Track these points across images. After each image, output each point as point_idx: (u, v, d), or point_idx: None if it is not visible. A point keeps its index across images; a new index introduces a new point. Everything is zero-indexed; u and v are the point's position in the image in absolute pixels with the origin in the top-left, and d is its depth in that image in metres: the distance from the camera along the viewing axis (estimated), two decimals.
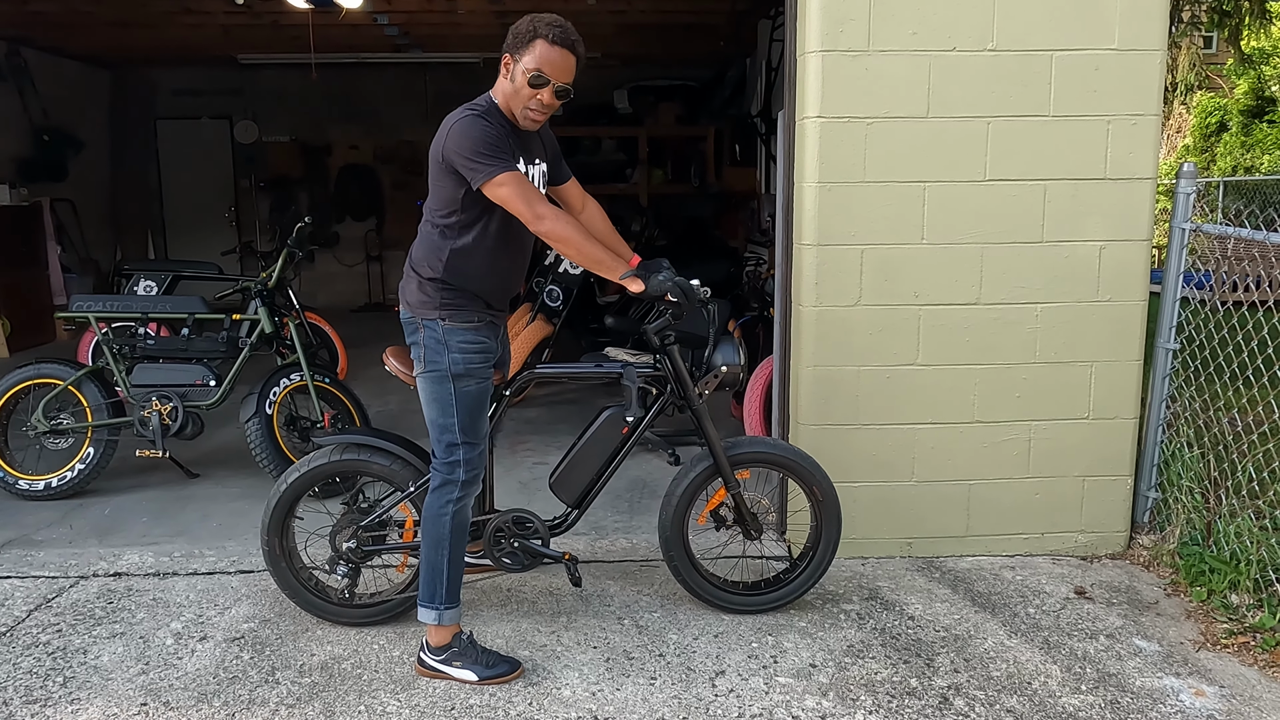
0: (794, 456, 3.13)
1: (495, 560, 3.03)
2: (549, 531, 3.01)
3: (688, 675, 2.79)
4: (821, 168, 3.41)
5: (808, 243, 3.46)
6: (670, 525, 3.06)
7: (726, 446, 3.04)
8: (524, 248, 2.86)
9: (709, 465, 3.05)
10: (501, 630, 3.05)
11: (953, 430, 3.56)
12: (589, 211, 3.08)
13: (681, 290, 2.71)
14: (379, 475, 3.01)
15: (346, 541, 2.99)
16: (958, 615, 3.17)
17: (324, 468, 2.99)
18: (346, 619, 3.05)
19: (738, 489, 3.07)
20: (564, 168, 3.01)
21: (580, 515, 3.07)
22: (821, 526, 3.13)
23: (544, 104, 2.67)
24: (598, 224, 3.04)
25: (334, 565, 3.01)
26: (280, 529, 3.01)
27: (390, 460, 2.99)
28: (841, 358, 3.50)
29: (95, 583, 3.42)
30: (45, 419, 4.30)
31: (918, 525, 3.61)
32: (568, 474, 3.04)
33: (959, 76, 3.38)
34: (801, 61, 3.46)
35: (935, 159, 3.42)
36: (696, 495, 3.08)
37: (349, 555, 2.99)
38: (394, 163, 11.33)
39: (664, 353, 2.99)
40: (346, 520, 3.01)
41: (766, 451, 3.15)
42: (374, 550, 3.02)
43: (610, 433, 3.01)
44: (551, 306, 6.03)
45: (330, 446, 3.00)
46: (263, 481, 4.40)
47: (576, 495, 3.04)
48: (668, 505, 3.07)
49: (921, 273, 3.47)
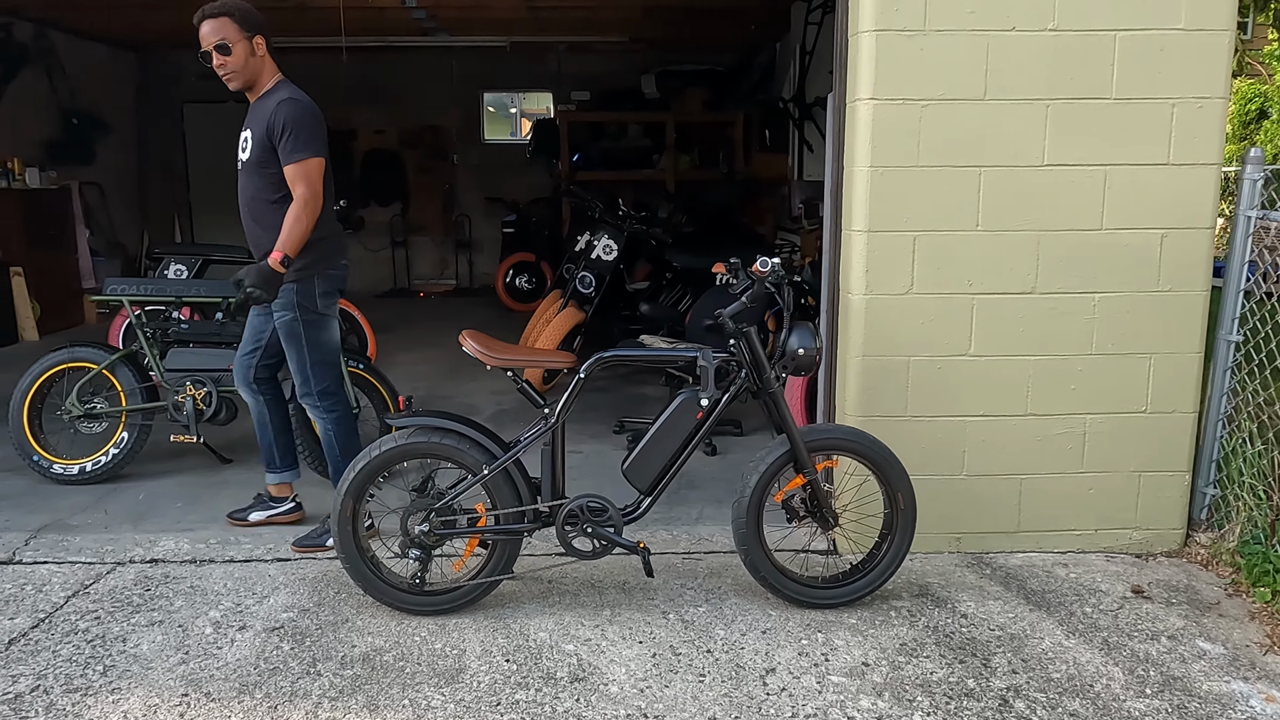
0: (875, 448, 3.05)
1: (566, 546, 2.97)
2: (622, 519, 2.95)
3: (737, 673, 2.72)
4: (874, 151, 3.30)
5: (858, 229, 3.36)
6: (745, 516, 2.98)
7: (802, 433, 2.97)
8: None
9: (784, 452, 2.97)
10: (544, 623, 2.99)
11: (1005, 423, 3.46)
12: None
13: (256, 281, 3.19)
14: (453, 459, 2.96)
15: (419, 525, 2.93)
16: (1012, 614, 3.08)
17: (398, 450, 2.93)
18: (418, 607, 3.00)
19: (815, 477, 2.99)
20: (281, 148, 3.29)
21: (653, 503, 3.01)
22: (896, 519, 3.05)
23: (215, 68, 3.36)
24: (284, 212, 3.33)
25: (405, 550, 2.96)
26: (353, 516, 2.95)
27: (465, 444, 2.94)
28: (891, 347, 3.41)
29: (132, 569, 3.39)
30: (79, 403, 4.27)
31: (967, 520, 3.51)
32: (641, 460, 2.97)
33: (1018, 57, 3.26)
34: (853, 41, 3.35)
35: (992, 143, 3.31)
36: (770, 485, 3.00)
37: (422, 540, 2.94)
38: (419, 147, 11.27)
39: (740, 337, 2.93)
40: (419, 504, 2.95)
41: (846, 440, 3.07)
42: (447, 535, 2.97)
43: (684, 417, 2.95)
44: (584, 293, 5.96)
45: (406, 429, 2.94)
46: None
47: (650, 481, 2.99)
48: (741, 495, 2.99)
49: (975, 261, 3.37)
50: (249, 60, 3.37)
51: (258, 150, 3.36)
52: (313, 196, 3.30)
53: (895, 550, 3.08)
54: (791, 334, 2.97)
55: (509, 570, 3.04)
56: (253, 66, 3.39)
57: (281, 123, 3.28)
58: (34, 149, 8.60)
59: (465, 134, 11.35)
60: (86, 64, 9.55)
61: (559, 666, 2.74)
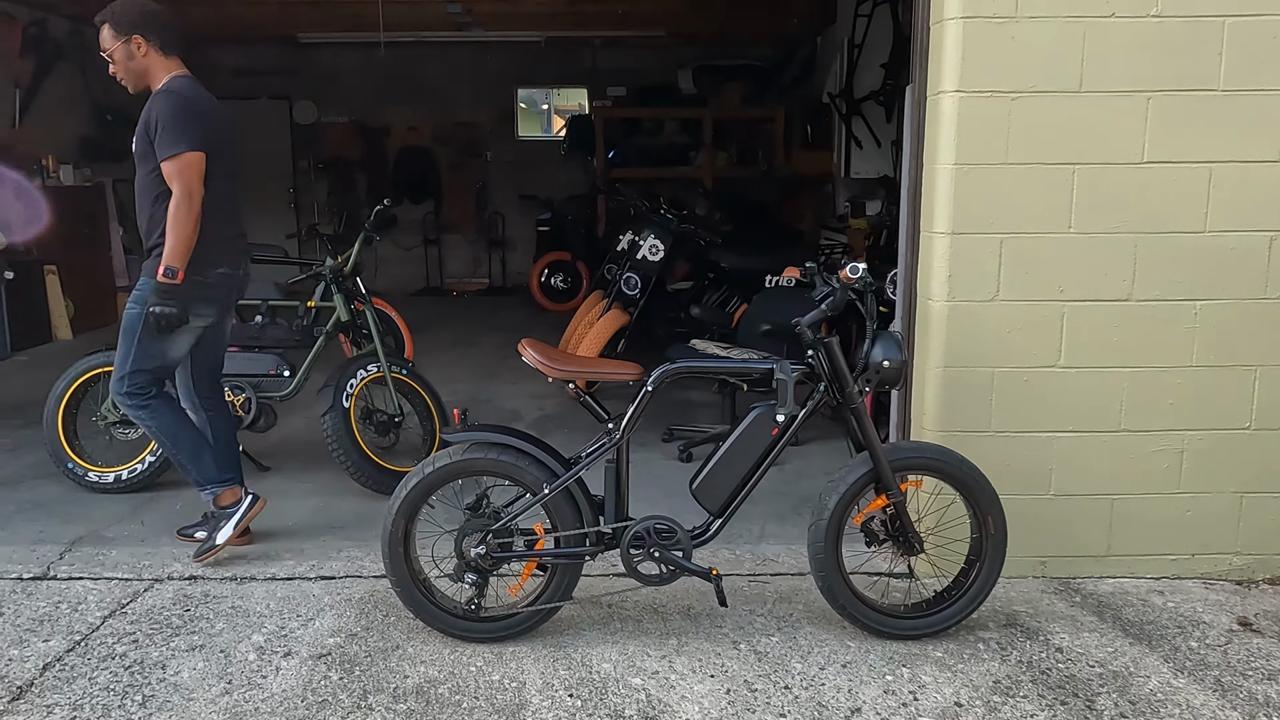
0: (964, 468, 2.83)
1: (632, 571, 2.77)
2: (691, 542, 2.76)
3: (820, 712, 2.51)
4: (959, 147, 3.07)
5: (940, 231, 3.14)
6: (824, 541, 2.77)
7: (885, 450, 2.76)
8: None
9: (866, 472, 2.76)
10: (607, 653, 2.79)
11: (1096, 439, 3.23)
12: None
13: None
14: (512, 476, 2.77)
15: (475, 548, 2.75)
16: (1111, 648, 2.85)
17: (454, 466, 2.75)
18: (474, 634, 2.82)
19: (901, 499, 2.78)
20: (156, 144, 3.18)
21: (724, 525, 2.81)
22: (986, 544, 2.84)
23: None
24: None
25: (460, 574, 2.77)
26: (405, 537, 2.78)
27: (525, 460, 2.75)
28: (974, 358, 3.18)
29: (170, 586, 3.23)
30: (115, 408, 4.13)
31: (1054, 543, 3.28)
32: (711, 479, 2.77)
33: (1116, 46, 3.02)
34: (937, 30, 3.12)
35: (1087, 138, 3.07)
36: (850, 507, 2.79)
37: (478, 563, 2.75)
38: (452, 144, 11.12)
39: (819, 347, 2.72)
40: (474, 524, 2.77)
41: (934, 459, 2.84)
42: (505, 557, 2.78)
43: (759, 434, 2.74)
44: (629, 295, 5.76)
45: (462, 444, 2.76)
46: (335, 476, 4.21)
47: (721, 503, 2.78)
48: (819, 518, 2.78)
49: (1067, 265, 3.13)
50: (129, 63, 3.30)
51: (139, 145, 3.27)
52: (187, 195, 3.14)
53: (985, 578, 2.87)
54: (875, 344, 2.75)
55: (569, 595, 2.85)
56: (137, 67, 3.30)
57: (155, 117, 3.18)
58: (69, 146, 8.52)
59: (498, 130, 11.19)
60: None
61: (627, 703, 2.54)
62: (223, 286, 3.37)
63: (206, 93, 3.35)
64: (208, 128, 3.24)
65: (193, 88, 3.30)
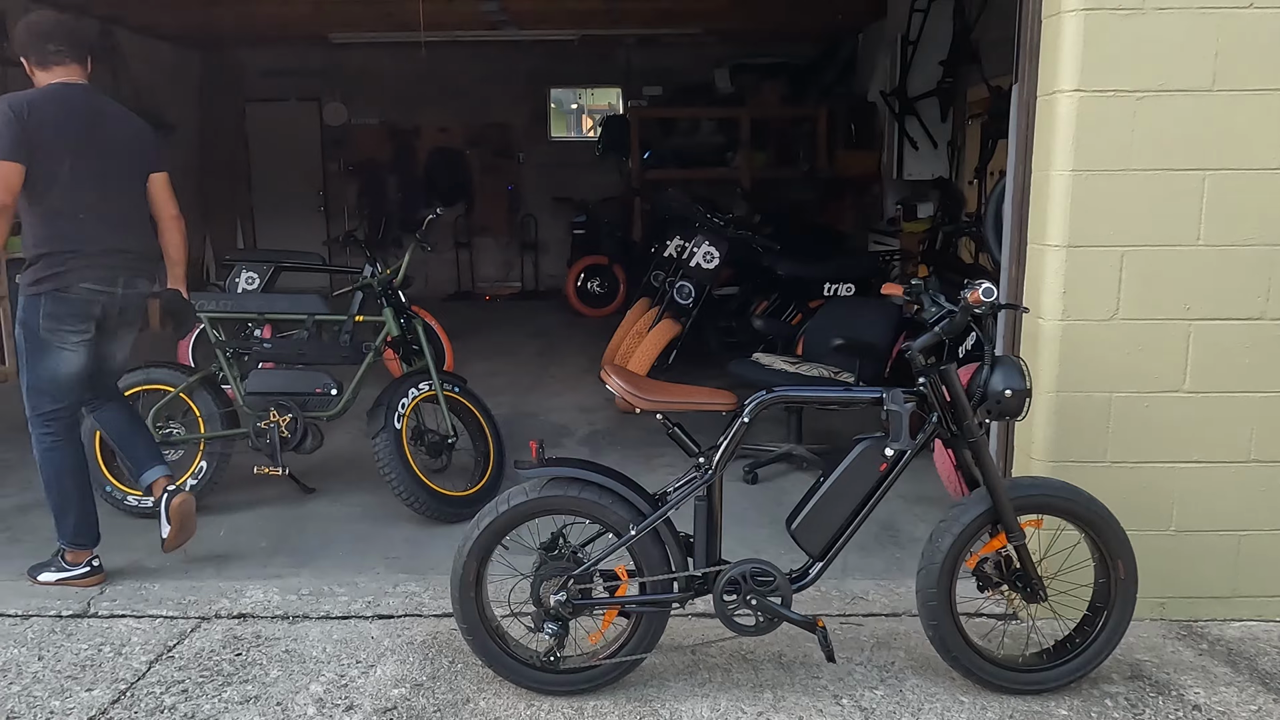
0: (1092, 507, 2.56)
1: (727, 621, 2.52)
2: (790, 587, 2.51)
3: None
4: (1076, 152, 2.81)
5: (1053, 243, 2.87)
6: (936, 587, 2.51)
7: (1006, 487, 2.51)
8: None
9: (985, 510, 2.50)
10: (697, 709, 2.54)
11: (1222, 471, 2.95)
12: None
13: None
14: (595, 516, 2.53)
15: (554, 594, 2.51)
16: (1254, 705, 2.58)
17: (531, 504, 2.51)
18: (551, 688, 2.58)
19: (1023, 541, 2.52)
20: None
21: (825, 568, 2.55)
22: (1114, 590, 2.58)
23: None
24: None
25: (540, 623, 2.54)
26: (476, 581, 2.54)
27: (608, 498, 2.51)
28: (1089, 382, 2.91)
29: (219, 626, 3.02)
30: (155, 429, 3.92)
31: (1175, 583, 3.01)
32: (813, 519, 2.52)
33: (1254, 40, 2.75)
34: (1052, 24, 2.85)
35: (1219, 142, 2.79)
36: (965, 548, 2.53)
37: (559, 611, 2.52)
38: (483, 145, 10.91)
39: (933, 373, 2.46)
40: (553, 568, 2.53)
41: (1060, 497, 2.57)
42: (588, 604, 2.54)
43: (865, 469, 2.49)
44: (681, 304, 5.51)
45: (539, 480, 2.53)
46: (383, 499, 3.99)
47: (823, 545, 2.53)
48: (931, 561, 2.53)
49: (1194, 281, 2.86)
50: (34, 82, 3.21)
51: None
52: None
53: (1113, 627, 2.60)
54: (995, 371, 2.48)
55: (654, 645, 2.60)
56: (36, 85, 3.19)
57: None
58: None
59: (531, 131, 10.97)
60: (151, 61, 9.32)
61: None
62: (95, 304, 3.17)
63: (78, 97, 3.16)
64: (46, 134, 3.03)
65: (42, 94, 3.12)
